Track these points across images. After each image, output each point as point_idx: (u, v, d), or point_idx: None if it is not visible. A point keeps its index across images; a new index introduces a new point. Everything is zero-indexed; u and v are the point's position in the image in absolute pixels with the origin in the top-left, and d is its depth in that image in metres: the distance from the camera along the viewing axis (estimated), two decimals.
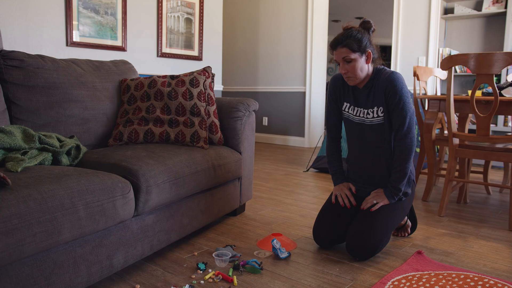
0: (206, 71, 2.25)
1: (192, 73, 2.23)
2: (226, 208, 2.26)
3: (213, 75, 2.29)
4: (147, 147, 1.93)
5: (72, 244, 1.33)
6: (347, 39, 1.76)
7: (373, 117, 1.84)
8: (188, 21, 4.28)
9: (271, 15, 5.97)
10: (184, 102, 2.14)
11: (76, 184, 1.32)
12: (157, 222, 1.72)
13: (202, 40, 4.41)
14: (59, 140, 1.75)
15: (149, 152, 1.81)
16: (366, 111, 1.86)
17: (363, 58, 1.79)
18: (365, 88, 1.86)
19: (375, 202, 1.84)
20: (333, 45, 1.80)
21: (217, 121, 2.24)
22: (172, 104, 2.15)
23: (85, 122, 2.10)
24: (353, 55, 1.76)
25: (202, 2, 4.36)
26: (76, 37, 3.35)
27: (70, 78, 2.07)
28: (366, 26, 1.84)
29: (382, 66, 1.89)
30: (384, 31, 9.88)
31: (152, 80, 2.22)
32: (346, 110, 1.94)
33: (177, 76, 2.22)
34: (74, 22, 3.33)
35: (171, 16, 4.10)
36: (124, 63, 2.50)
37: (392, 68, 4.89)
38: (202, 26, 4.40)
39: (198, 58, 4.43)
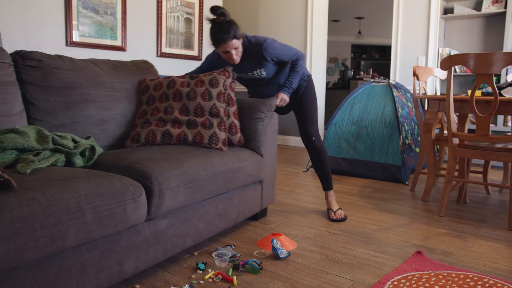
0: (227, 70, 2.20)
1: (212, 73, 2.18)
2: (247, 212, 2.19)
3: (234, 75, 2.24)
4: (163, 148, 1.88)
5: (79, 249, 1.29)
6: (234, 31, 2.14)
7: (260, 74, 2.37)
8: (188, 21, 4.27)
9: (271, 15, 5.98)
10: (203, 102, 2.09)
11: (84, 187, 1.29)
12: (171, 227, 1.66)
13: (202, 40, 4.41)
14: (74, 141, 1.73)
15: (165, 154, 1.76)
16: (251, 73, 2.37)
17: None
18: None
19: (282, 104, 2.39)
20: (225, 40, 2.12)
21: (237, 122, 2.18)
22: (191, 105, 2.09)
23: (102, 122, 2.06)
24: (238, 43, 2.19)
25: (202, 2, 4.36)
26: (75, 37, 3.35)
27: (87, 78, 2.04)
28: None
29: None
30: (384, 31, 9.88)
31: (171, 80, 2.18)
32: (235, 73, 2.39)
33: (197, 76, 2.18)
34: (74, 22, 3.33)
35: (170, 16, 4.09)
36: (145, 63, 2.45)
37: (392, 68, 4.90)
38: (202, 26, 4.40)
39: (198, 58, 4.43)
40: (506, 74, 4.12)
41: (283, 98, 2.36)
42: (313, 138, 2.45)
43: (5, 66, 1.78)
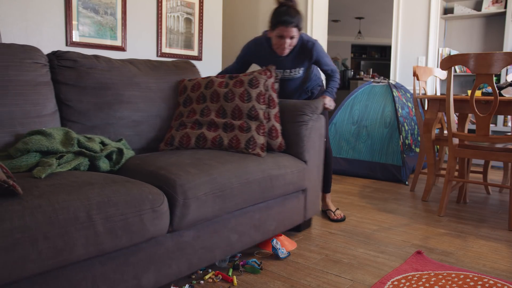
0: (269, 70, 2.05)
1: (252, 72, 2.05)
2: (287, 224, 2.01)
3: (277, 75, 2.09)
4: (195, 153, 1.76)
5: (91, 261, 1.21)
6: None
7: (295, 74, 2.35)
8: (188, 21, 4.27)
9: None
10: (241, 104, 1.94)
11: (97, 195, 1.20)
12: (198, 239, 1.54)
13: (202, 40, 4.41)
14: (103, 144, 1.66)
15: (195, 160, 1.63)
16: (288, 71, 2.33)
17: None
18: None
19: (330, 106, 2.31)
20: (288, 22, 2.09)
21: (278, 125, 2.01)
22: (228, 107, 1.96)
23: (136, 124, 1.98)
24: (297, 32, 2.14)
25: (202, 2, 4.36)
26: (75, 37, 3.35)
27: (123, 79, 1.96)
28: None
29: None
30: (384, 31, 9.88)
31: (209, 81, 2.07)
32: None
33: (236, 76, 2.06)
34: (74, 22, 3.33)
35: (170, 16, 4.10)
36: (186, 63, 2.37)
37: (392, 68, 4.90)
38: (202, 26, 4.40)
39: (198, 58, 4.43)
40: (506, 74, 4.12)
41: (331, 100, 2.31)
42: (324, 140, 2.43)
43: (38, 67, 1.73)
